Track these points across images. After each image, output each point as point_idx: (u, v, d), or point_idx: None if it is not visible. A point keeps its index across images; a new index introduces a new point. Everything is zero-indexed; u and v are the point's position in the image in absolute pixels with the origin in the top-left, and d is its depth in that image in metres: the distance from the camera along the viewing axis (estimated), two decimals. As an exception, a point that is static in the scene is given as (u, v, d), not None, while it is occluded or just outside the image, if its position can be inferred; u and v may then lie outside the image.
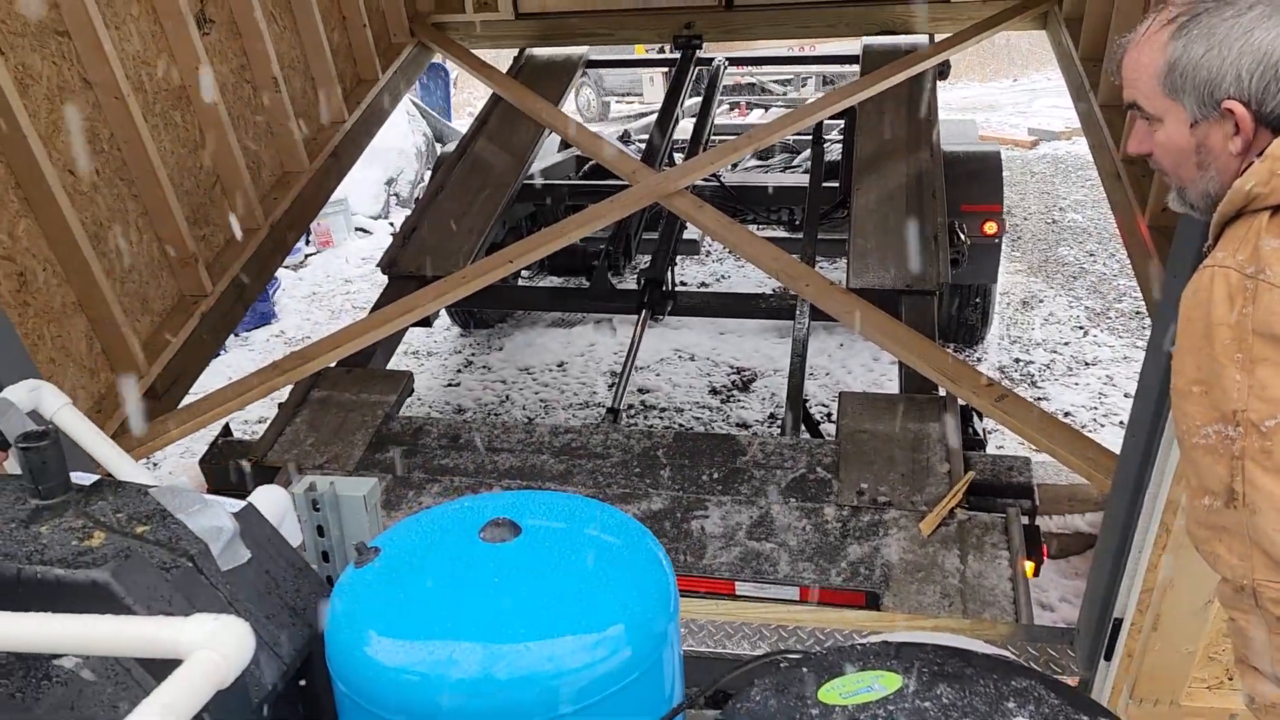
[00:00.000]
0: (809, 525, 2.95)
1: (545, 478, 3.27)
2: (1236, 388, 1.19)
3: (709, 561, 2.86)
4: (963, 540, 2.84)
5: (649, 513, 3.08)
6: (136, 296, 3.48)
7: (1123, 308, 6.49)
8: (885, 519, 2.94)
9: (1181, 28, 1.28)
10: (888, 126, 4.86)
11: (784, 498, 3.07)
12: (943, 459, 3.16)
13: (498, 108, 5.41)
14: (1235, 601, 1.28)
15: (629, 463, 3.31)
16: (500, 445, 3.44)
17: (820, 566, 2.80)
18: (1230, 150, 1.30)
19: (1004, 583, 2.68)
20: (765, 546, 2.89)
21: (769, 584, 2.79)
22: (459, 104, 13.63)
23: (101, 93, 3.29)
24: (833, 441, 3.35)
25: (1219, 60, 1.25)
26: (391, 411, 3.64)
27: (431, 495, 3.21)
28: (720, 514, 3.04)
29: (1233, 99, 1.26)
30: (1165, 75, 1.30)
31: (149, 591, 1.37)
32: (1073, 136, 11.36)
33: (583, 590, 1.44)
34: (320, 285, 7.87)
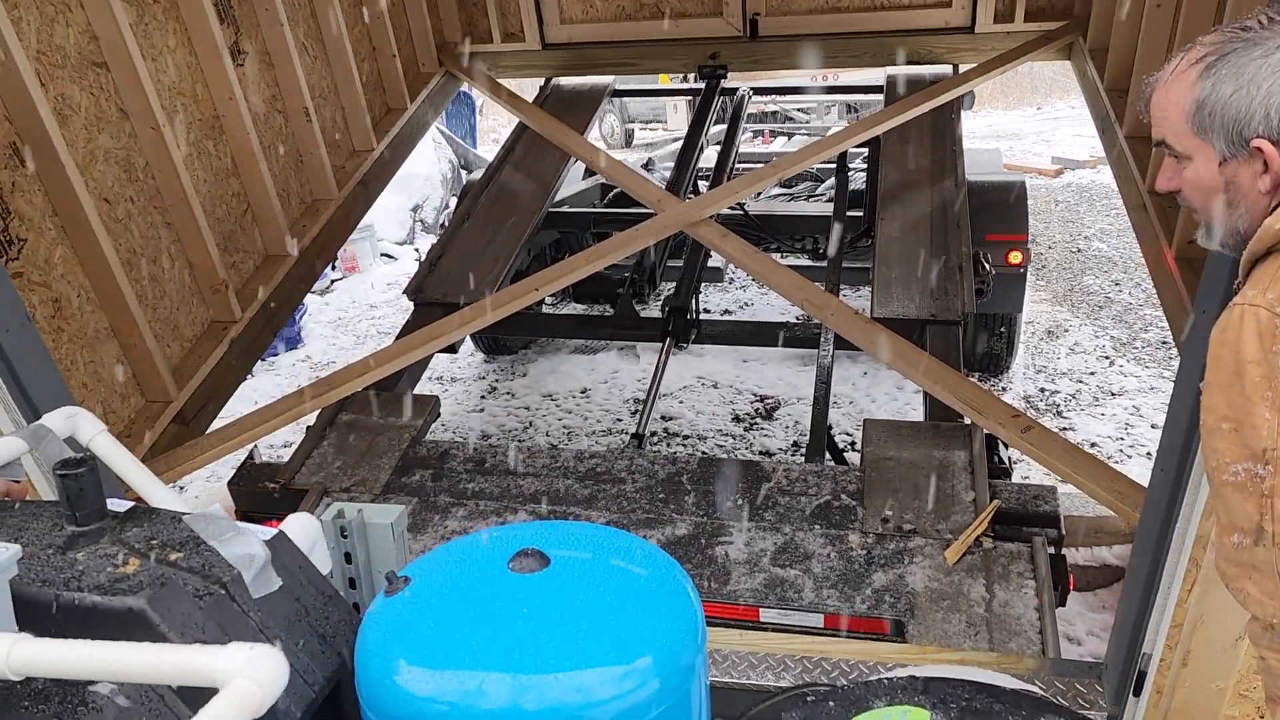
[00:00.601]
0: (833, 552, 2.95)
1: (570, 502, 3.28)
2: (1266, 426, 1.19)
3: (733, 588, 2.85)
4: (988, 569, 2.82)
5: (673, 538, 3.08)
6: (167, 322, 3.53)
7: (1149, 338, 6.45)
8: (910, 547, 2.93)
9: (1210, 67, 1.29)
10: (912, 156, 4.87)
11: (808, 524, 3.07)
12: (968, 487, 3.15)
13: (524, 136, 5.47)
14: (1265, 640, 1.27)
15: (653, 488, 3.32)
16: (525, 470, 3.46)
17: (845, 594, 2.79)
18: (1259, 188, 1.30)
19: (1030, 612, 2.67)
20: (790, 573, 2.89)
21: (794, 611, 2.78)
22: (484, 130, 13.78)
23: (138, 123, 3.36)
24: (857, 468, 3.35)
25: (1248, 99, 1.26)
26: (418, 435, 3.67)
27: (457, 519, 3.24)
28: (744, 540, 3.03)
29: (1262, 138, 1.27)
30: (1194, 114, 1.31)
31: (183, 619, 1.39)
32: (1097, 165, 11.33)
33: (611, 621, 1.44)
34: (346, 310, 7.94)
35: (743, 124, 6.22)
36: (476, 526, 3.19)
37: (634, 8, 5.48)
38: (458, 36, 5.61)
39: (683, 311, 4.44)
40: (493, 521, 3.22)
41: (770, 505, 3.17)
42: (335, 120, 4.56)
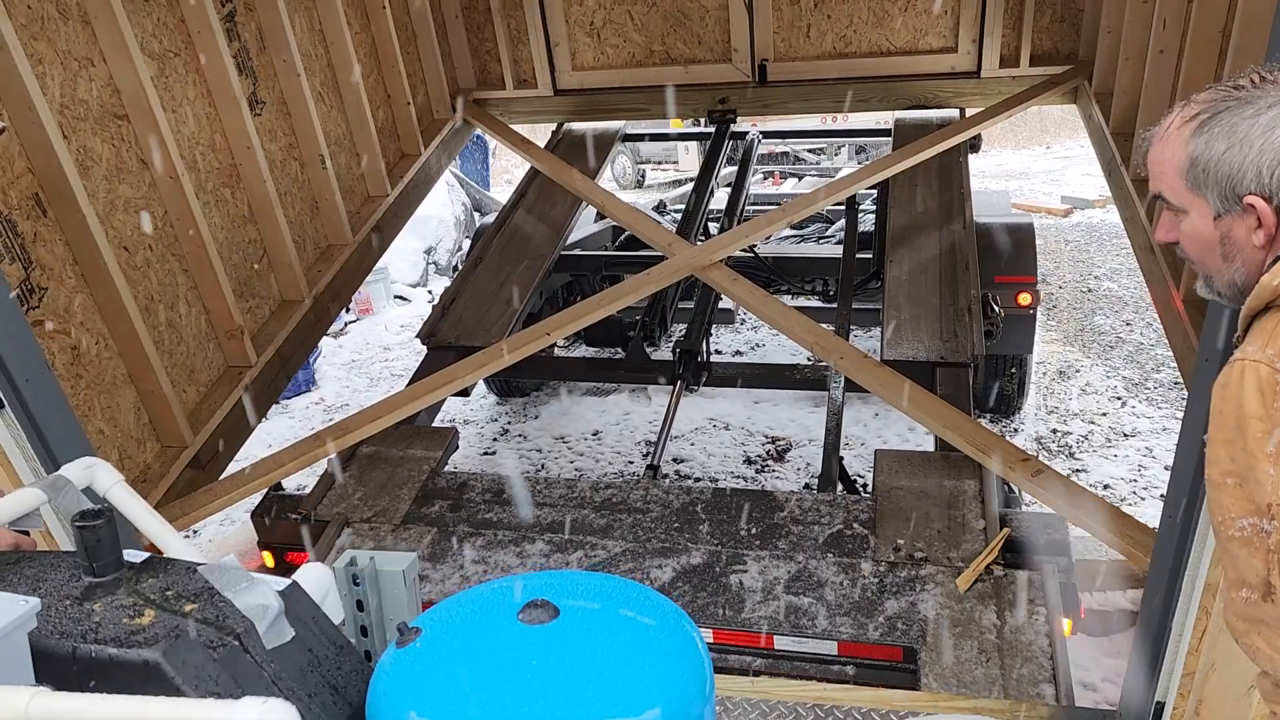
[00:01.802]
0: (846, 580, 2.99)
1: (586, 532, 3.33)
2: (1271, 481, 1.20)
3: (747, 615, 2.90)
4: (999, 597, 2.86)
5: (688, 567, 3.13)
6: (184, 368, 3.58)
7: (1161, 378, 6.43)
8: (922, 574, 2.97)
9: (1203, 125, 1.31)
10: (920, 199, 4.91)
11: (821, 553, 3.12)
12: (978, 515, 3.20)
13: (536, 180, 5.54)
14: (1276, 695, 1.27)
15: (668, 518, 3.36)
16: (542, 500, 3.52)
17: (858, 621, 2.83)
18: (1254, 243, 1.32)
19: (1041, 639, 2.70)
20: (803, 601, 2.93)
21: (807, 638, 2.83)
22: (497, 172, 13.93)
23: (158, 174, 3.42)
24: (869, 498, 3.40)
25: (1240, 157, 1.28)
26: (437, 467, 3.75)
27: (475, 548, 3.30)
28: (758, 569, 3.08)
29: (1254, 194, 1.29)
30: (1188, 170, 1.34)
31: (197, 671, 1.41)
32: (1107, 205, 11.35)
33: (619, 673, 1.45)
34: (360, 353, 8.00)
35: (753, 167, 6.29)
36: (495, 556, 3.27)
37: (644, 54, 5.57)
38: (472, 83, 5.71)
39: (693, 354, 4.47)
40: (510, 550, 3.29)
41: (784, 534, 3.22)
42: (350, 167, 4.64)
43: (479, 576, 3.17)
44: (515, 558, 3.26)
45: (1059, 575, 2.91)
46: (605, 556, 3.22)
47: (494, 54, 5.65)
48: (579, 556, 3.23)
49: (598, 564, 3.19)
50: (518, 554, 3.27)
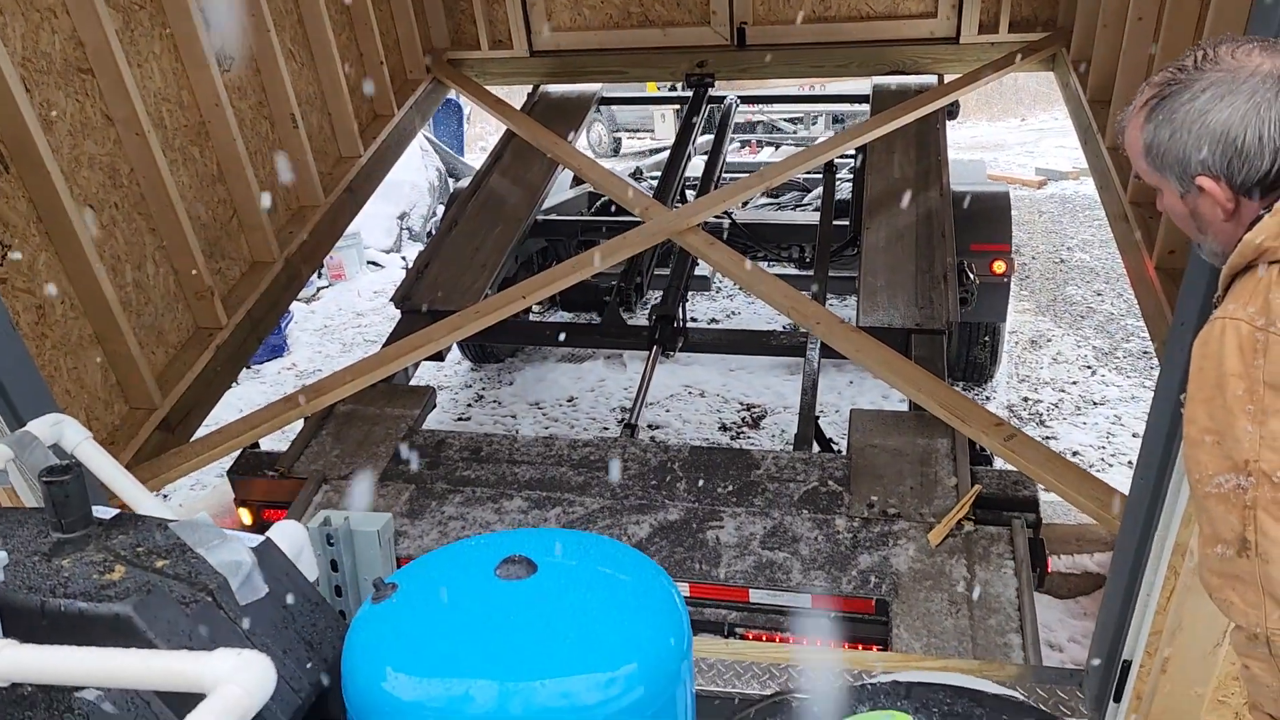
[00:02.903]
0: (821, 536, 3.05)
1: (564, 489, 3.35)
2: (1249, 438, 1.21)
3: (724, 570, 2.95)
4: (969, 551, 2.93)
5: (665, 523, 3.16)
6: (152, 329, 3.52)
7: (1130, 347, 6.50)
8: (895, 530, 3.04)
9: (1153, 111, 1.35)
10: (897, 166, 4.91)
11: (797, 509, 3.17)
12: (950, 473, 3.26)
13: (511, 144, 5.48)
14: (1249, 649, 1.29)
15: (645, 475, 3.39)
16: (520, 458, 3.53)
17: (832, 575, 2.89)
18: (1219, 217, 1.36)
19: (1009, 591, 2.78)
20: (778, 556, 2.99)
21: (782, 591, 2.88)
22: (472, 138, 13.77)
23: (123, 129, 3.35)
24: (844, 456, 3.45)
25: (1182, 143, 1.32)
26: (415, 425, 3.74)
27: (454, 505, 3.31)
28: (735, 525, 3.13)
29: (1202, 175, 1.32)
30: (1146, 155, 1.38)
31: (170, 625, 1.39)
32: (1080, 177, 11.42)
33: (597, 628, 1.45)
34: (332, 318, 7.92)
35: (730, 133, 6.25)
36: (473, 512, 3.28)
37: (622, 16, 5.51)
38: (445, 43, 5.62)
39: (669, 319, 4.45)
40: (488, 507, 3.30)
41: (760, 491, 3.26)
42: (321, 126, 4.56)
43: (457, 532, 3.18)
44: (494, 514, 3.27)
45: (1027, 530, 2.98)
46: (583, 513, 3.23)
47: (469, 13, 5.56)
48: (557, 513, 3.25)
49: (575, 520, 3.20)
50: (496, 510, 3.28)
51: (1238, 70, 1.28)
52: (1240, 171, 1.29)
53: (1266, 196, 1.30)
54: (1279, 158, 1.27)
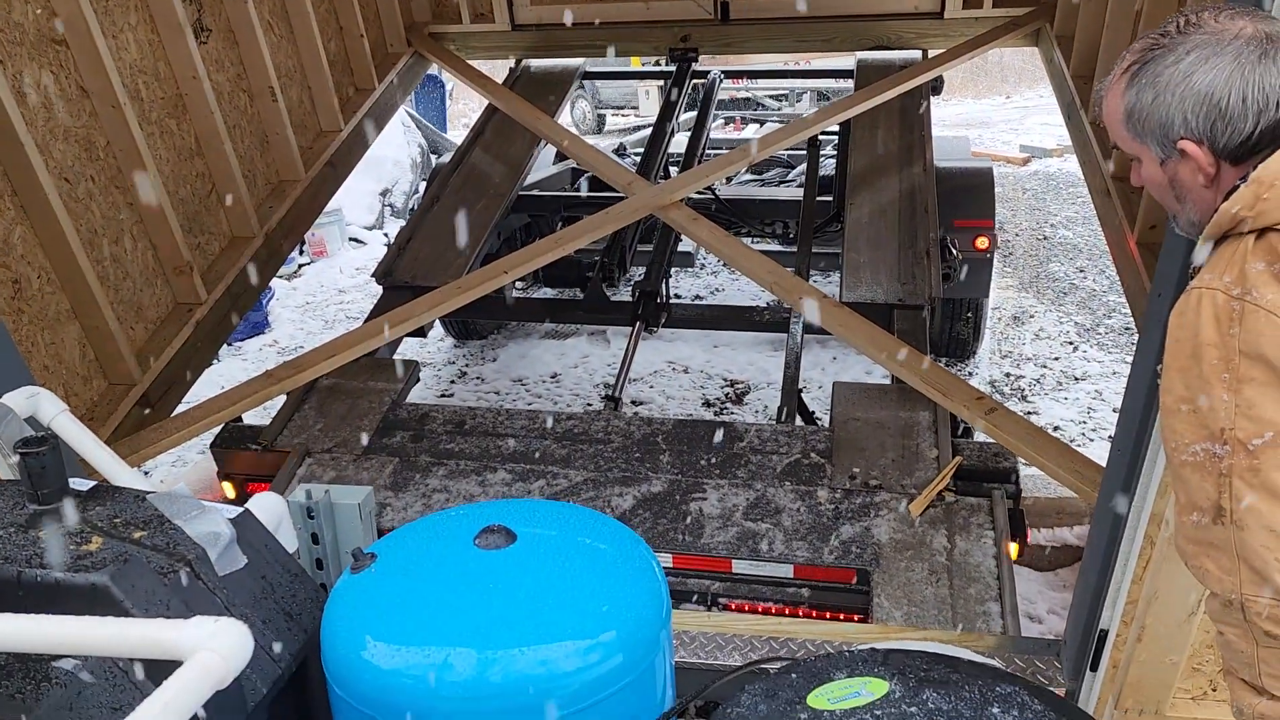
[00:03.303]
0: (803, 507, 3.07)
1: (547, 462, 3.36)
2: (1224, 407, 1.22)
3: (707, 541, 2.97)
4: (950, 521, 2.97)
5: (648, 495, 3.18)
6: (130, 304, 3.49)
7: (1112, 324, 6.54)
8: (876, 501, 3.07)
9: (1135, 75, 1.35)
10: (881, 141, 4.90)
11: (779, 481, 3.19)
12: (931, 445, 3.29)
13: (493, 119, 5.44)
14: (1224, 616, 1.30)
15: (629, 448, 3.40)
16: (504, 431, 3.54)
17: (814, 545, 2.92)
18: (1199, 183, 1.35)
19: (989, 560, 2.81)
20: (761, 526, 3.01)
21: (764, 562, 2.91)
22: (454, 115, 13.67)
23: (98, 101, 3.30)
24: (826, 429, 3.47)
25: (1166, 106, 1.31)
26: (398, 399, 3.74)
27: (437, 477, 3.32)
28: (718, 496, 3.15)
29: (1186, 139, 1.32)
30: (1127, 121, 1.37)
31: (147, 595, 1.39)
32: (1064, 154, 11.44)
33: (576, 597, 1.46)
34: (314, 295, 7.88)
35: (714, 107, 6.22)
36: (457, 485, 3.28)
37: (605, -11, 5.46)
38: (426, 16, 5.56)
39: (652, 295, 4.45)
40: (472, 480, 3.31)
41: (743, 463, 3.28)
42: (301, 100, 4.51)
43: (441, 504, 3.19)
44: (478, 486, 3.27)
45: (1007, 501, 3.02)
46: (566, 485, 3.24)
47: (450, -14, 5.51)
48: (540, 485, 3.26)
49: (559, 492, 3.21)
50: (480, 483, 3.28)
51: (1221, 33, 1.27)
52: (1224, 134, 1.29)
53: (1245, 163, 1.30)
54: (1261, 120, 1.27)
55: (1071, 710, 1.49)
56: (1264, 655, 1.27)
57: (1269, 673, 1.27)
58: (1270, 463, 1.20)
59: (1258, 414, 1.20)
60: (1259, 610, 1.23)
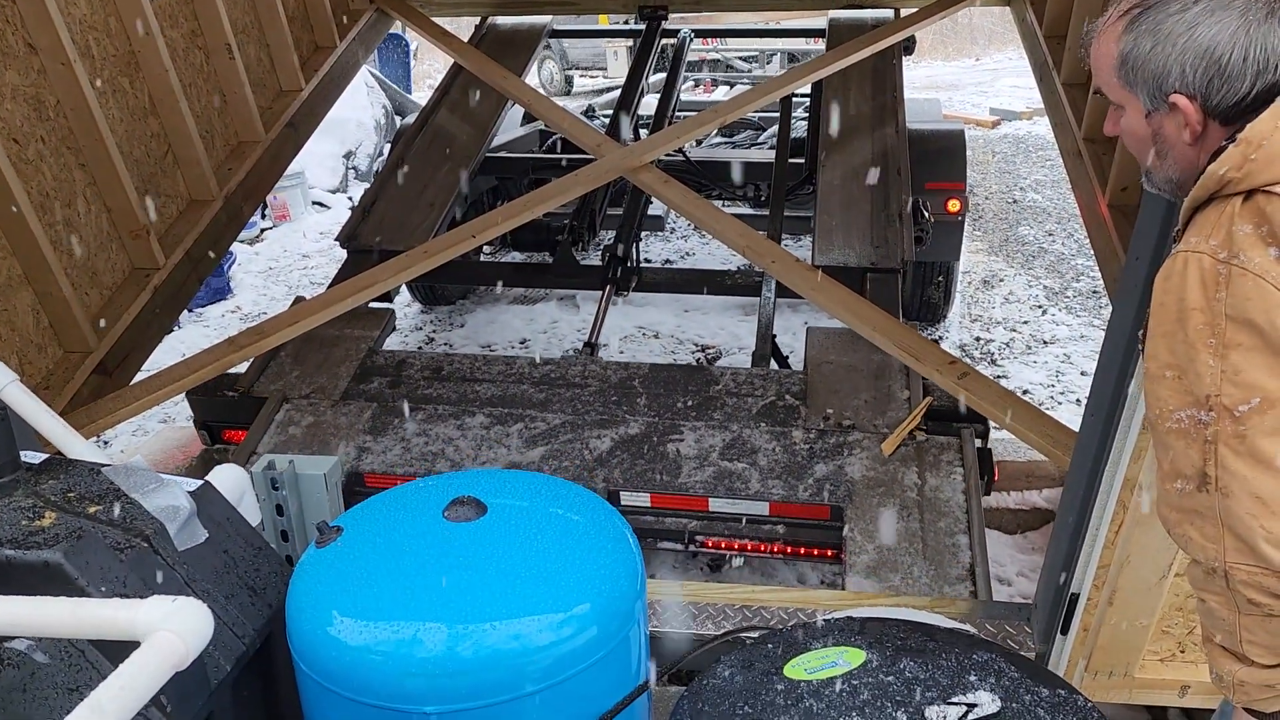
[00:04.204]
0: (778, 447, 3.13)
1: (525, 405, 3.38)
2: (1210, 373, 1.20)
3: (684, 480, 3.02)
4: (920, 459, 3.05)
5: (626, 437, 3.21)
6: (85, 269, 3.38)
7: (1080, 287, 6.58)
8: (849, 440, 3.14)
9: (1134, 21, 1.30)
10: (853, 102, 4.85)
11: (755, 422, 3.24)
12: (903, 386, 3.37)
13: (459, 78, 5.32)
14: (1206, 583, 1.29)
15: (606, 392, 3.44)
16: (481, 376, 3.56)
17: (789, 483, 2.98)
18: (1184, 140, 1.32)
19: (958, 495, 2.91)
20: (737, 466, 3.06)
21: (740, 500, 2.97)
22: (419, 76, 13.42)
23: (47, 58, 3.18)
24: (800, 372, 3.53)
25: (1164, 56, 1.27)
26: (375, 346, 3.76)
27: (416, 422, 3.33)
28: (694, 438, 3.19)
29: (1179, 93, 1.28)
30: (1120, 67, 1.33)
31: (103, 572, 1.34)
32: (1034, 116, 11.45)
33: (549, 569, 1.43)
34: (277, 260, 7.73)
35: (684, 67, 6.13)
36: (435, 429, 3.30)
37: (573, -55, 5.34)
38: (389, -27, 5.41)
39: (622, 259, 4.39)
40: (450, 423, 3.31)
41: (719, 406, 3.34)
42: (260, 58, 4.38)
43: (420, 448, 3.21)
44: (456, 430, 3.28)
45: (975, 440, 3.10)
46: (545, 428, 3.27)
47: (414, -59, 5.35)
48: (519, 429, 3.27)
49: (537, 435, 3.23)
50: (458, 426, 3.29)
51: None
52: (1219, 92, 1.25)
53: (1233, 124, 1.27)
54: (1259, 81, 1.23)
55: (1046, 675, 1.49)
56: (1245, 622, 1.26)
57: (1250, 639, 1.27)
58: (1256, 429, 1.18)
59: (1244, 379, 1.18)
60: (1243, 578, 1.22)
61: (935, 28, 4.94)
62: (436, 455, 3.19)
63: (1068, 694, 1.41)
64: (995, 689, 1.40)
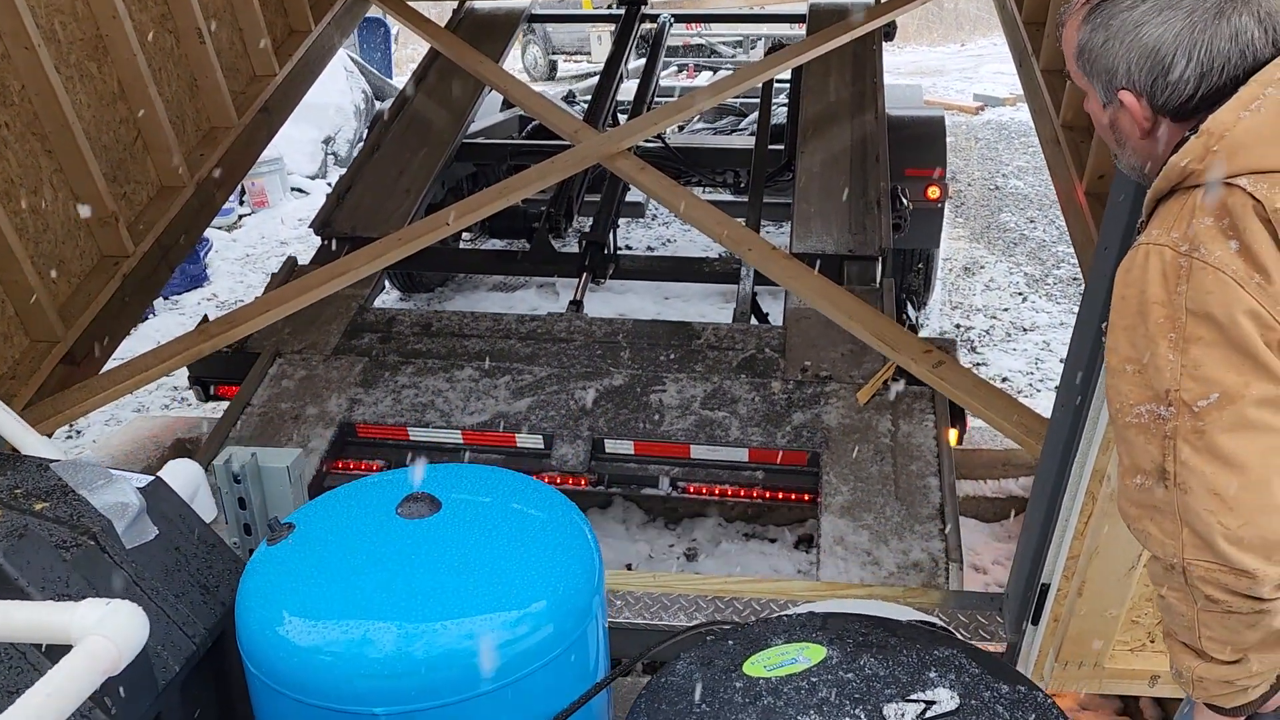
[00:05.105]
0: (757, 397, 3.24)
1: (512, 359, 3.49)
2: (1170, 367, 1.18)
3: (667, 428, 3.13)
4: (894, 408, 3.18)
5: (610, 388, 3.33)
6: (52, 258, 3.33)
7: (1060, 274, 6.58)
8: (826, 391, 3.27)
9: (1092, 11, 1.28)
10: (833, 89, 4.82)
11: (735, 374, 3.36)
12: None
13: (436, 63, 5.26)
14: (1165, 579, 1.28)
15: (591, 346, 3.54)
16: (469, 332, 3.66)
17: (768, 431, 3.10)
18: (1136, 134, 1.31)
19: (930, 441, 3.04)
20: (718, 415, 3.17)
21: (721, 446, 3.09)
22: (400, 60, 13.32)
23: (10, 42, 3.11)
24: (779, 327, 3.63)
25: (1112, 52, 1.26)
26: (365, 303, 3.84)
27: (406, 375, 3.45)
28: (677, 389, 3.31)
29: (1125, 89, 1.27)
30: (1078, 57, 1.32)
31: (44, 572, 1.31)
32: (1017, 103, 11.44)
33: (504, 565, 1.40)
34: (255, 247, 7.66)
35: (663, 52, 6.08)
36: (425, 381, 3.41)
37: (551, -71, 5.28)
38: (365, -45, 5.34)
39: (600, 246, 4.36)
40: (440, 376, 3.42)
41: (700, 359, 3.45)
42: (233, 42, 4.31)
43: (411, 399, 3.32)
44: (445, 383, 3.38)
45: None
46: (531, 380, 3.37)
47: (390, -77, 5.28)
48: (506, 381, 3.37)
49: (524, 387, 3.34)
50: (448, 379, 3.40)
51: None
52: (1163, 93, 1.24)
53: (1186, 120, 1.25)
54: (1203, 85, 1.21)
55: (1007, 671, 1.48)
56: (1204, 618, 1.25)
57: (1208, 635, 1.26)
58: (1215, 425, 1.17)
59: (1204, 374, 1.16)
60: (1200, 574, 1.21)
61: (920, 13, 4.92)
62: (426, 406, 3.30)
63: (1028, 690, 1.40)
64: (955, 685, 1.38)
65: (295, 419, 3.30)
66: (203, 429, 3.96)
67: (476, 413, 3.25)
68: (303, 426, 3.27)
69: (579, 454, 3.11)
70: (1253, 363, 1.15)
